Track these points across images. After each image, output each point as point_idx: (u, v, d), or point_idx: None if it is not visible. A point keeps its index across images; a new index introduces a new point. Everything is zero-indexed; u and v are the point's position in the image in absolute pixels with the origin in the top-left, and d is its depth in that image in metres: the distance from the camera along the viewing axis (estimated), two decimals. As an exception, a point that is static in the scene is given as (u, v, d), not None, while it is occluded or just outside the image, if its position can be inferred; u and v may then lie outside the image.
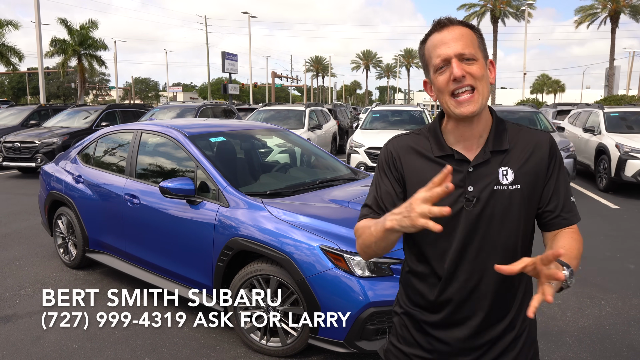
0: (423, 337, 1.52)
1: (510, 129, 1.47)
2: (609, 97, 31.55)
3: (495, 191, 1.40)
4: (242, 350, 3.60)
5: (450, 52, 1.35)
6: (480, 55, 1.39)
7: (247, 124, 6.12)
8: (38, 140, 12.07)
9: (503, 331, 1.46)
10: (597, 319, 4.19)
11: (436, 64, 1.37)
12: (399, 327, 1.59)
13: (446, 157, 1.43)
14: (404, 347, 1.56)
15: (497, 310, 1.45)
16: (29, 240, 6.47)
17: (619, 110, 11.33)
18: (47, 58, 33.03)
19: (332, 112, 17.55)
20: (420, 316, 1.51)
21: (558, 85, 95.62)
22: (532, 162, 1.42)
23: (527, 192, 1.41)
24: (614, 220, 7.81)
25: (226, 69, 32.73)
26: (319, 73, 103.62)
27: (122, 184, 4.56)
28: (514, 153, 1.42)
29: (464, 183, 1.41)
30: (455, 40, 1.36)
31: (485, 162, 1.41)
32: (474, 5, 46.87)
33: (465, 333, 1.46)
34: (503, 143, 1.43)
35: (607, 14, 39.87)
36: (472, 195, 1.40)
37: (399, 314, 1.60)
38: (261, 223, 3.49)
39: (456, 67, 1.34)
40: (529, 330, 1.51)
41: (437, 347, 1.49)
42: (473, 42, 1.38)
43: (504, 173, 1.40)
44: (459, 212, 1.40)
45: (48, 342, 3.73)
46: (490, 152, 1.42)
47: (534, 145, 1.44)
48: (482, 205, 1.39)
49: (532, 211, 1.45)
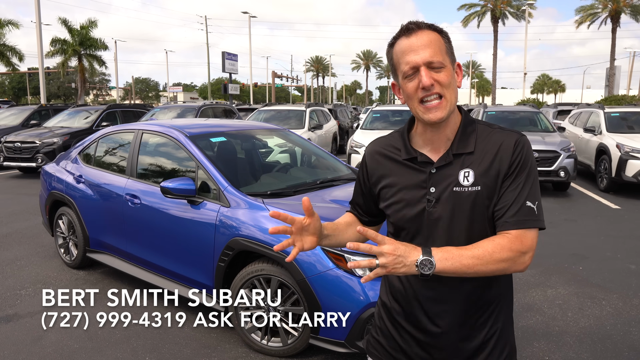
0: (395, 330, 1.57)
1: (481, 130, 1.47)
2: (610, 97, 31.55)
3: (454, 192, 1.41)
4: (243, 350, 3.60)
5: (419, 60, 1.36)
6: (448, 61, 1.40)
7: (247, 124, 6.12)
8: (39, 140, 12.08)
9: (474, 329, 1.48)
10: (598, 319, 4.19)
11: (405, 70, 1.39)
12: (377, 318, 1.65)
13: (412, 159, 1.48)
14: (382, 339, 1.62)
15: (467, 308, 1.47)
16: (29, 240, 6.47)
17: (619, 111, 11.33)
18: (47, 58, 33.05)
19: (332, 112, 17.55)
20: (393, 309, 1.56)
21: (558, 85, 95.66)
22: (497, 163, 1.41)
23: (486, 193, 1.41)
24: (615, 221, 7.80)
25: (226, 69, 32.71)
26: (319, 73, 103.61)
27: (123, 184, 4.57)
28: (478, 155, 1.43)
29: (426, 184, 1.44)
30: (423, 48, 1.37)
31: (448, 164, 1.43)
32: (475, 5, 46.85)
33: (434, 330, 1.49)
34: (468, 145, 1.44)
35: (608, 14, 39.83)
36: (433, 196, 1.43)
37: (378, 305, 1.66)
38: (262, 223, 3.48)
39: (425, 76, 1.36)
40: (501, 331, 1.52)
41: (408, 341, 1.54)
42: (441, 49, 1.39)
43: (465, 175, 1.41)
44: (421, 213, 1.44)
45: (49, 341, 3.73)
46: (454, 154, 1.43)
47: (500, 146, 1.42)
48: (442, 205, 1.42)
49: (490, 212, 1.43)
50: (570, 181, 9.78)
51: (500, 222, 1.39)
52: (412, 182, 1.46)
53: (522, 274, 5.21)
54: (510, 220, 1.37)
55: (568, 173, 9.45)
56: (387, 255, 1.25)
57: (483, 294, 1.48)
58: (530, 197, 1.39)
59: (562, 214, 8.15)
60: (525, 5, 42.81)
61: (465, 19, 47.33)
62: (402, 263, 1.26)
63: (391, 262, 1.25)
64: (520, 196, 1.38)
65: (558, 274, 5.26)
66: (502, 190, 1.40)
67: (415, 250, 1.28)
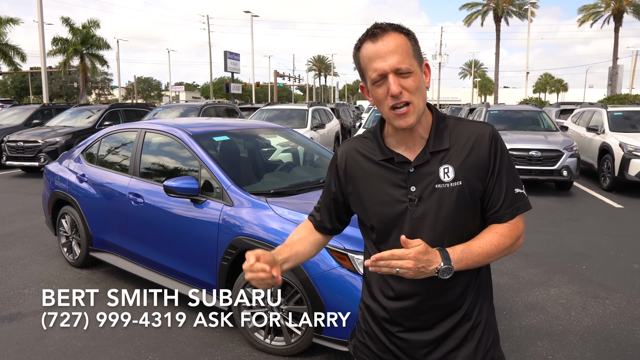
0: (381, 331, 1.57)
1: (451, 125, 1.49)
2: (612, 96, 31.45)
3: (436, 189, 1.43)
4: (246, 349, 3.61)
5: (387, 67, 1.36)
6: (416, 64, 1.39)
7: (250, 123, 6.11)
8: (41, 139, 12.10)
9: (458, 322, 1.50)
10: (602, 318, 4.18)
11: (373, 77, 1.39)
12: (362, 321, 1.65)
13: (388, 160, 1.48)
14: (369, 342, 1.62)
15: (450, 303, 1.49)
16: (32, 239, 6.48)
17: (622, 110, 11.31)
18: (49, 57, 33.14)
19: (334, 111, 17.53)
20: (378, 310, 1.56)
21: (561, 85, 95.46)
22: (473, 156, 1.44)
23: (468, 188, 1.43)
24: (618, 220, 7.78)
25: (228, 68, 32.74)
26: (322, 72, 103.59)
27: (125, 183, 4.57)
28: (454, 150, 1.45)
29: (406, 184, 1.45)
30: (390, 54, 1.36)
31: (425, 163, 1.44)
32: (477, 4, 46.78)
33: (419, 326, 1.50)
34: (443, 142, 1.46)
35: (611, 12, 39.73)
36: (414, 195, 1.44)
37: (362, 308, 1.66)
38: (265, 222, 3.49)
39: (393, 84, 1.36)
40: (486, 320, 1.54)
41: (394, 341, 1.54)
42: (408, 53, 1.38)
43: (445, 171, 1.43)
44: (403, 212, 1.45)
45: (52, 340, 3.73)
46: (431, 152, 1.45)
47: (475, 139, 1.45)
48: (425, 203, 1.43)
49: (476, 206, 1.46)
50: (573, 180, 9.77)
51: (497, 215, 1.45)
52: (390, 182, 1.47)
53: (525, 273, 5.21)
54: (507, 211, 1.45)
55: (571, 172, 9.44)
56: (410, 264, 1.31)
57: (467, 287, 1.50)
58: (517, 184, 1.47)
59: (565, 213, 8.14)
60: (528, 4, 42.71)
61: (468, 18, 47.25)
62: (424, 273, 1.33)
63: (414, 272, 1.32)
64: (508, 187, 1.45)
65: (561, 273, 5.25)
66: (489, 185, 1.44)
67: (436, 257, 1.33)
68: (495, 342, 1.57)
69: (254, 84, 50.63)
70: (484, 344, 1.53)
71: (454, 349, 1.50)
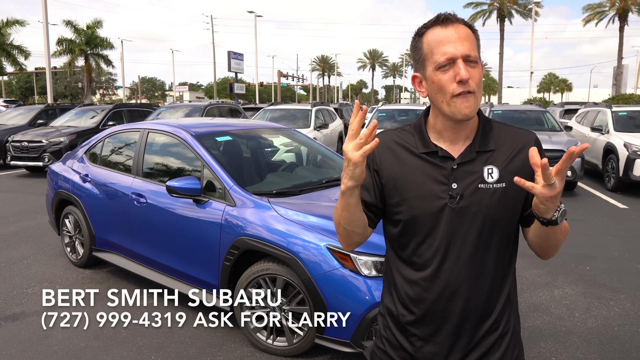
0: (405, 338, 1.50)
1: (497, 128, 1.48)
2: (617, 96, 31.30)
3: (479, 189, 1.39)
4: (249, 350, 3.60)
5: (458, 52, 1.33)
6: (479, 59, 1.38)
7: (253, 123, 6.11)
8: (45, 139, 12.14)
9: (487, 331, 1.45)
10: (606, 319, 4.16)
11: (440, 61, 1.34)
12: (383, 328, 1.58)
13: (430, 153, 1.44)
14: (389, 350, 1.55)
15: (481, 309, 1.44)
16: (36, 239, 6.50)
17: (627, 110, 11.26)
18: (54, 57, 33.25)
19: (338, 111, 17.52)
20: (403, 316, 1.50)
21: (565, 84, 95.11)
22: (518, 161, 1.42)
23: (511, 190, 1.40)
24: (622, 220, 7.75)
25: (232, 68, 32.81)
26: (325, 72, 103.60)
27: (129, 183, 4.58)
28: (499, 152, 1.43)
29: (447, 180, 1.41)
30: (462, 41, 1.34)
31: (470, 161, 1.41)
32: (481, 3, 46.67)
33: (448, 332, 1.45)
34: (489, 143, 1.44)
35: (616, 12, 39.59)
36: (455, 192, 1.40)
37: (382, 314, 1.59)
38: (268, 222, 3.48)
39: (463, 69, 1.31)
40: (513, 330, 1.50)
41: (419, 348, 1.48)
42: (475, 45, 1.37)
43: (489, 171, 1.40)
44: (442, 209, 1.40)
45: (55, 340, 3.74)
46: (476, 152, 1.42)
47: (521, 145, 1.43)
48: (466, 202, 1.39)
49: (516, 209, 1.44)
50: (577, 180, 9.72)
51: None
52: (431, 177, 1.42)
53: (528, 274, 5.19)
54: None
55: (575, 172, 9.39)
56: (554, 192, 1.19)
57: (501, 288, 1.46)
58: None
59: (569, 214, 8.08)
60: (532, 4, 42.58)
61: (472, 18, 47.13)
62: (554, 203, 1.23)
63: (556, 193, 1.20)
64: None
65: (565, 274, 5.23)
66: None
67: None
68: (520, 355, 1.53)
69: (258, 84, 50.69)
70: (509, 355, 1.48)
71: (479, 358, 1.45)
